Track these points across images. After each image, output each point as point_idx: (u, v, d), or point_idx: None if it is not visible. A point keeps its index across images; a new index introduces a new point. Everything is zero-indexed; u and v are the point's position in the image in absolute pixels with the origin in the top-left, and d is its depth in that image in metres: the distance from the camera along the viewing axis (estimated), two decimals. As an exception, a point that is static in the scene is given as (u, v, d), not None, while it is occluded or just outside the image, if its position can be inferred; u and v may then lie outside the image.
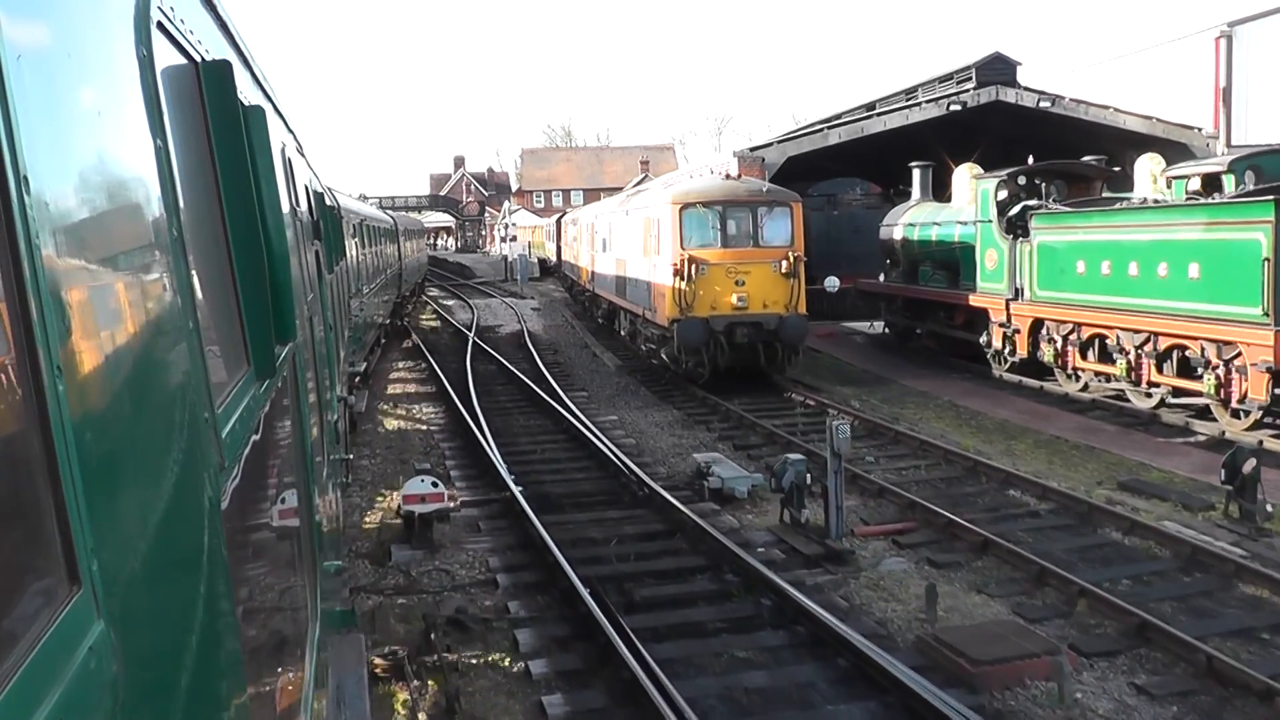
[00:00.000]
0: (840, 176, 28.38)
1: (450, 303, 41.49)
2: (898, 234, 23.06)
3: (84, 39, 1.53)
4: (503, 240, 64.81)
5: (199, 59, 2.38)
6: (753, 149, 27.24)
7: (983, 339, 18.95)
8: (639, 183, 73.98)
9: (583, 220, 31.75)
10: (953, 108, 24.83)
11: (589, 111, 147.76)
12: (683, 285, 17.62)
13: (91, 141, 1.52)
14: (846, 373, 20.42)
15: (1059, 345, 16.39)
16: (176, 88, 2.14)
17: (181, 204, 1.95)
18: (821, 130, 30.40)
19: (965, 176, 21.71)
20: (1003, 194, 18.34)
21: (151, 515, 1.52)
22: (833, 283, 20.97)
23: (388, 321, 27.83)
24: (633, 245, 21.40)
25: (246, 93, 2.91)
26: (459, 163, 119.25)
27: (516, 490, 10.76)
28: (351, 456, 10.71)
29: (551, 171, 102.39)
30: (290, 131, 5.31)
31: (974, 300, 18.91)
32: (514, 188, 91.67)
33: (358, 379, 14.02)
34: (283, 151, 4.21)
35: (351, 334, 13.76)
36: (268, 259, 2.58)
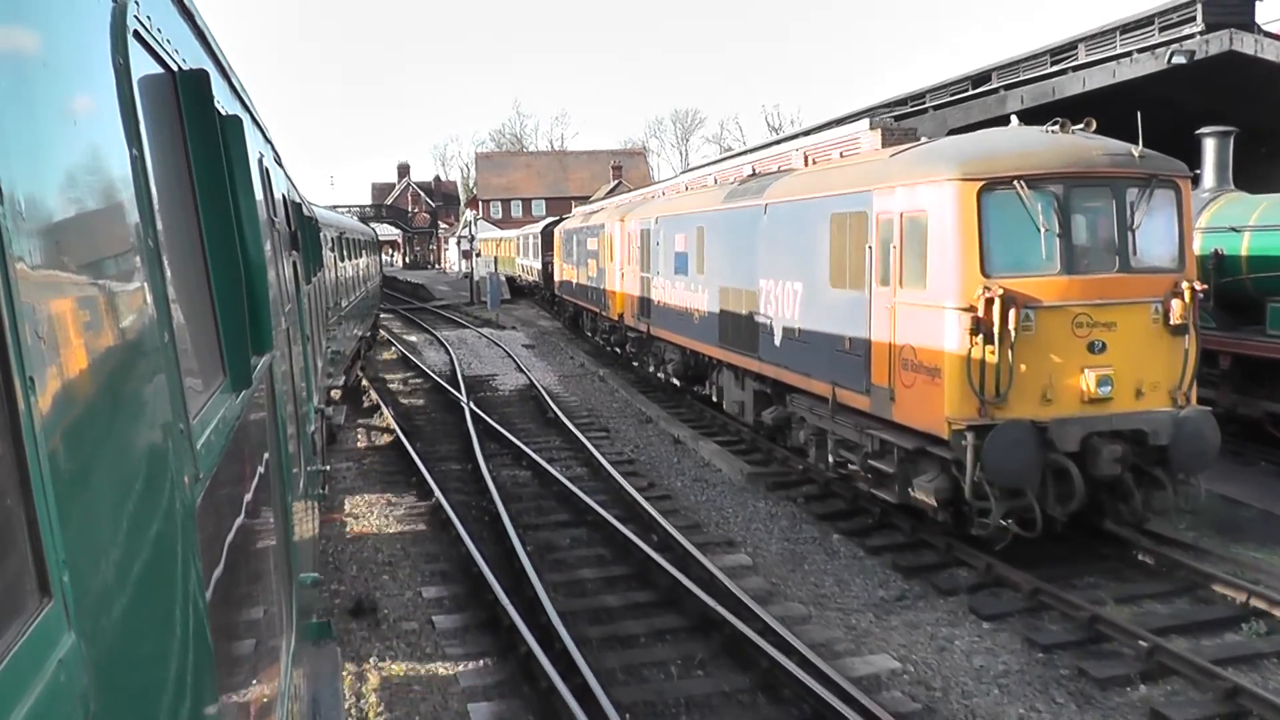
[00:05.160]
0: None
1: (413, 337, 30.14)
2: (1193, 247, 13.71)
3: (59, 48, 1.48)
4: (464, 255, 52.57)
5: (176, 68, 2.36)
6: (898, 117, 12.07)
7: None
8: (612, 190, 60.85)
9: (612, 227, 19.92)
10: (1175, 60, 18.40)
11: (542, 117, 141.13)
12: (989, 353, 9.89)
13: (67, 151, 1.47)
14: (1203, 506, 11.48)
15: None
16: (153, 97, 2.13)
17: (158, 214, 1.92)
18: (997, 91, 24.30)
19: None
20: None
21: (124, 527, 1.48)
22: None
23: (368, 334, 27.68)
24: (778, 265, 14.30)
25: (224, 102, 2.93)
26: (403, 170, 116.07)
27: None
28: (328, 468, 10.37)
29: (510, 178, 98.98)
30: (268, 141, 5.40)
31: None
32: (462, 197, 79.40)
33: (337, 392, 13.15)
34: (260, 161, 4.22)
35: (331, 349, 13.69)
36: (244, 269, 2.51)
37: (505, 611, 9.34)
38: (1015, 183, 9.87)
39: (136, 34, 1.89)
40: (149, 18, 2.03)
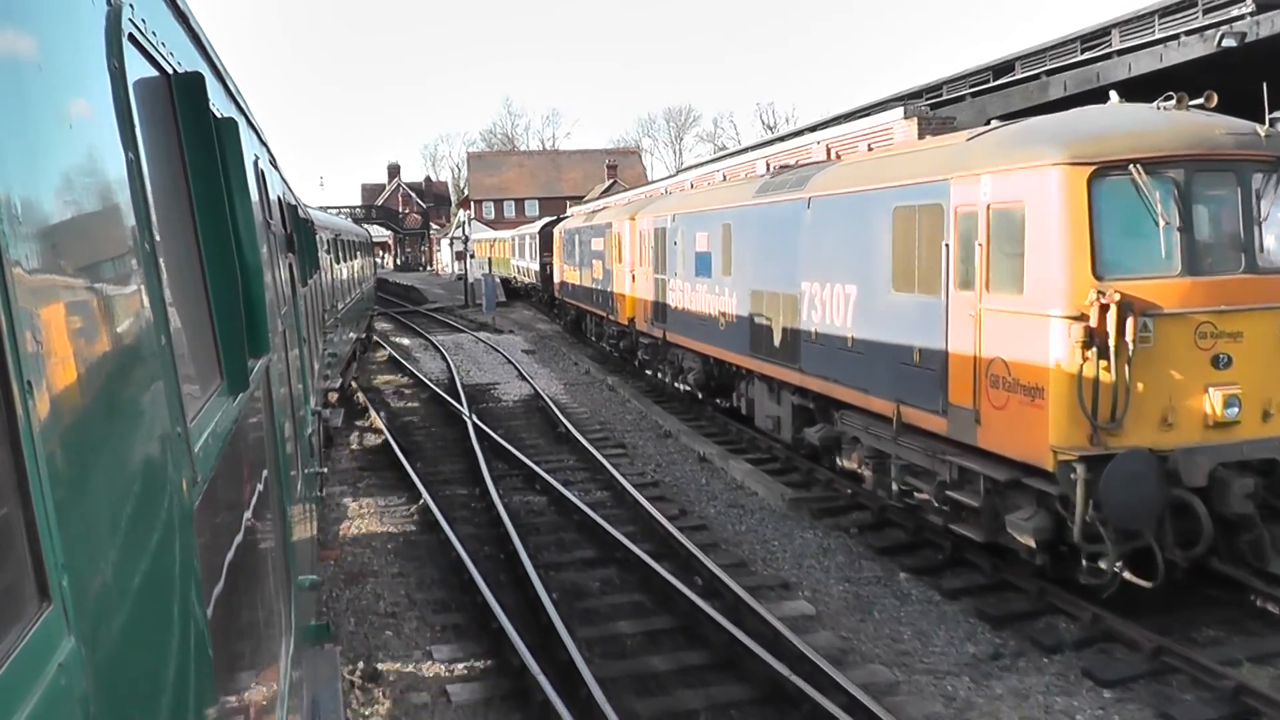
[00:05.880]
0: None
1: (406, 340, 28.54)
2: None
3: (55, 51, 1.49)
4: (458, 256, 51.31)
5: (171, 71, 2.37)
6: (934, 104, 9.18)
7: None
8: (607, 189, 60.88)
9: (620, 226, 18.38)
10: (1226, 43, 17.04)
11: (533, 117, 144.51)
12: (1102, 369, 8.58)
13: (63, 154, 1.48)
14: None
15: None
16: (149, 100, 2.14)
17: (154, 217, 1.93)
18: (1039, 78, 22.92)
19: None
20: None
21: (123, 530, 1.49)
22: None
23: (364, 335, 28.97)
24: (825, 267, 12.80)
25: (219, 105, 2.94)
26: (394, 171, 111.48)
27: None
28: (326, 470, 10.49)
29: (502, 178, 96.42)
30: (263, 144, 5.30)
31: None
32: (454, 198, 78.21)
33: (334, 394, 13.61)
34: (255, 164, 4.18)
35: (328, 352, 13.80)
36: (241, 272, 2.49)
37: (535, 681, 7.91)
38: (1131, 167, 8.58)
39: (131, 37, 1.95)
40: (144, 21, 2.09)
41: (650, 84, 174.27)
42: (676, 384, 21.90)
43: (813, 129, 34.85)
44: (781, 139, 38.23)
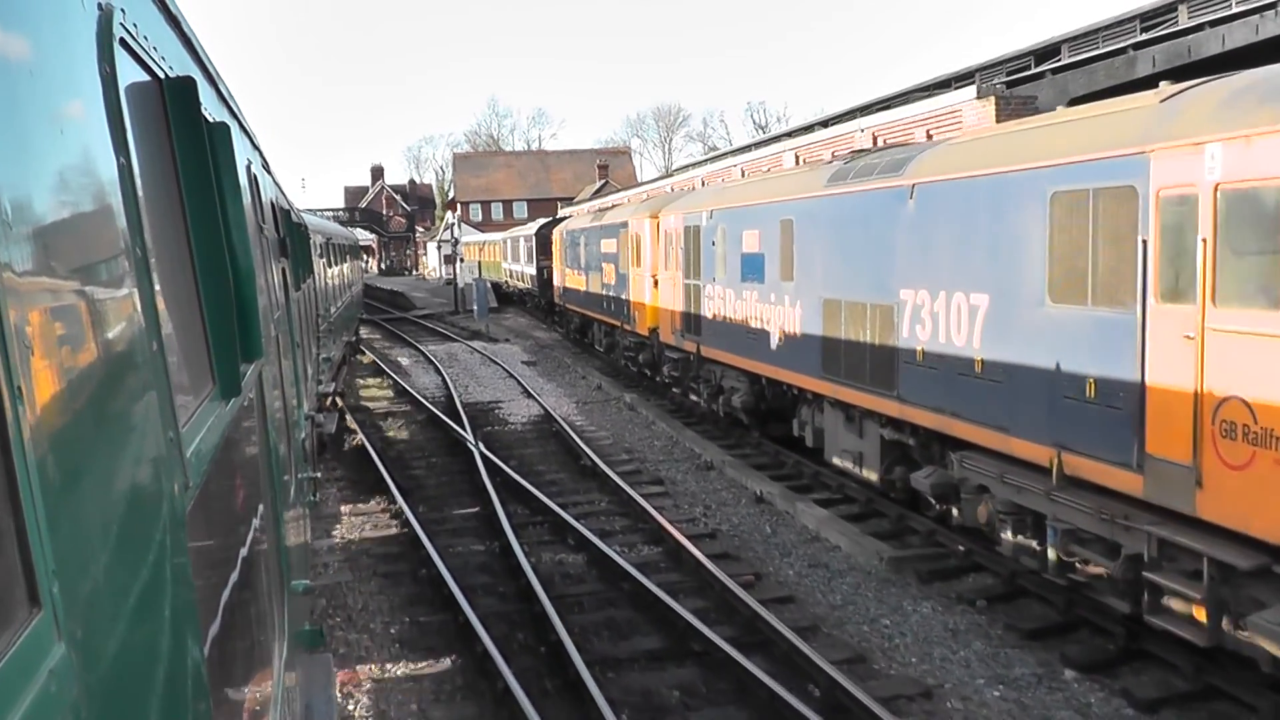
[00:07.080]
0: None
1: (394, 350, 24.19)
2: None
3: (46, 55, 1.54)
4: (447, 260, 47.83)
5: (163, 75, 2.44)
6: (1009, 83, 4.71)
7: None
8: (599, 190, 58.43)
9: (639, 225, 15.14)
10: None
11: (519, 118, 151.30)
12: None
13: (54, 159, 1.51)
14: None
15: None
16: (140, 105, 2.22)
17: (146, 222, 2.00)
18: (1125, 51, 21.32)
19: None
20: None
21: (114, 536, 1.55)
22: None
23: (353, 339, 29.29)
24: (937, 270, 10.34)
25: (211, 109, 3.06)
26: (377, 173, 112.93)
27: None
28: (320, 475, 10.03)
29: (490, 179, 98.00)
30: (255, 148, 5.52)
31: None
32: (439, 200, 75.04)
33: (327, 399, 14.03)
34: (248, 168, 4.34)
35: (321, 356, 13.53)
36: (233, 277, 2.53)
37: None
38: None
39: (123, 41, 2.00)
40: (135, 25, 2.14)
41: (637, 83, 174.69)
42: (714, 406, 19.53)
43: (823, 124, 32.78)
44: (807, 129, 35.79)
